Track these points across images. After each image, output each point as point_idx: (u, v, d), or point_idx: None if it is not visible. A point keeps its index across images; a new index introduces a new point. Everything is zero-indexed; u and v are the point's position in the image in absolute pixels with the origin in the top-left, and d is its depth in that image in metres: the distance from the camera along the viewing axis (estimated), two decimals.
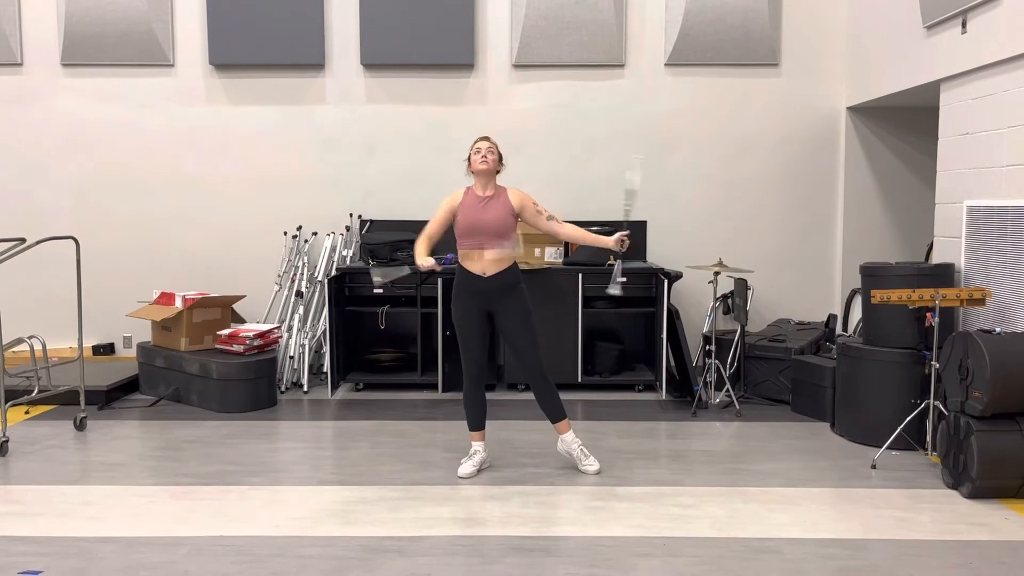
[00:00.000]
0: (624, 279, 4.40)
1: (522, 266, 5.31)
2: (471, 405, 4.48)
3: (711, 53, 6.73)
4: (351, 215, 6.91)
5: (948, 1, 5.08)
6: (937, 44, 5.32)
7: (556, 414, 4.46)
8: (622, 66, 6.82)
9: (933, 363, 4.49)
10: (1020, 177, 4.56)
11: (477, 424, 4.49)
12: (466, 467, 4.40)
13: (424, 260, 4.24)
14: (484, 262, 4.28)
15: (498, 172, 4.43)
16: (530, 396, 6.00)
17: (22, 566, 3.35)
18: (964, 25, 4.99)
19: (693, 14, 6.63)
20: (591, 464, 4.44)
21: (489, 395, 6.07)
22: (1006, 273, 4.63)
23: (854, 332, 6.02)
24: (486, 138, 4.48)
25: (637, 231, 6.76)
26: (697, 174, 6.89)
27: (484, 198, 4.34)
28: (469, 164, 4.41)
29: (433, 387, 6.17)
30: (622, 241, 4.32)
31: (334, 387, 6.05)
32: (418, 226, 6.68)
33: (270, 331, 6.02)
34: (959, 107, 5.16)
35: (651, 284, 6.28)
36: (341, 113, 6.90)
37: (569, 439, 4.48)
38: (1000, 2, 4.64)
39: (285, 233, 6.91)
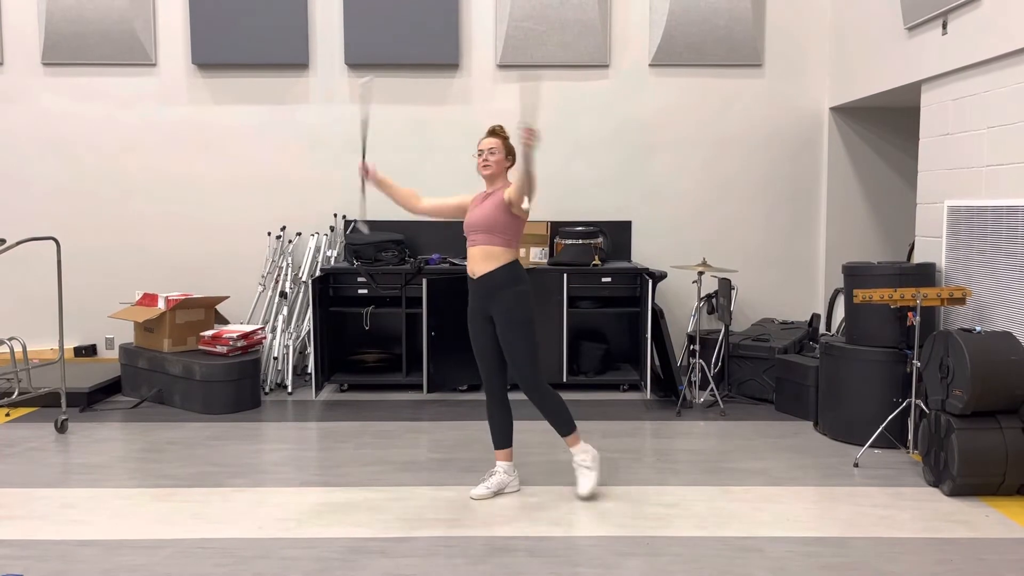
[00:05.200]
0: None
1: None
2: (490, 420, 4.16)
3: (695, 54, 6.75)
4: (335, 215, 6.89)
5: (929, 2, 5.12)
6: (918, 45, 5.36)
7: (562, 428, 4.05)
8: (606, 66, 6.83)
9: (914, 362, 4.53)
10: (1000, 177, 4.61)
11: (497, 441, 4.14)
12: (478, 488, 4.07)
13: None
14: (474, 262, 3.99)
15: (509, 167, 4.06)
16: (511, 396, 6.02)
17: (2, 569, 3.32)
18: (945, 26, 5.03)
19: (677, 15, 6.65)
20: (584, 484, 4.04)
21: (474, 395, 6.08)
22: (986, 272, 4.67)
23: (837, 331, 6.06)
24: (495, 132, 4.06)
25: (622, 231, 6.79)
26: (681, 174, 6.91)
27: (486, 194, 4.05)
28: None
29: (418, 388, 6.15)
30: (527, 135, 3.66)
31: (318, 388, 6.03)
32: (402, 226, 6.78)
33: (254, 332, 5.99)
34: (940, 108, 5.20)
35: (636, 284, 6.29)
36: (325, 113, 6.88)
37: (576, 452, 4.06)
38: (980, 4, 4.68)
39: (269, 233, 6.88)
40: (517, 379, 3.99)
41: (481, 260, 3.97)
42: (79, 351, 6.93)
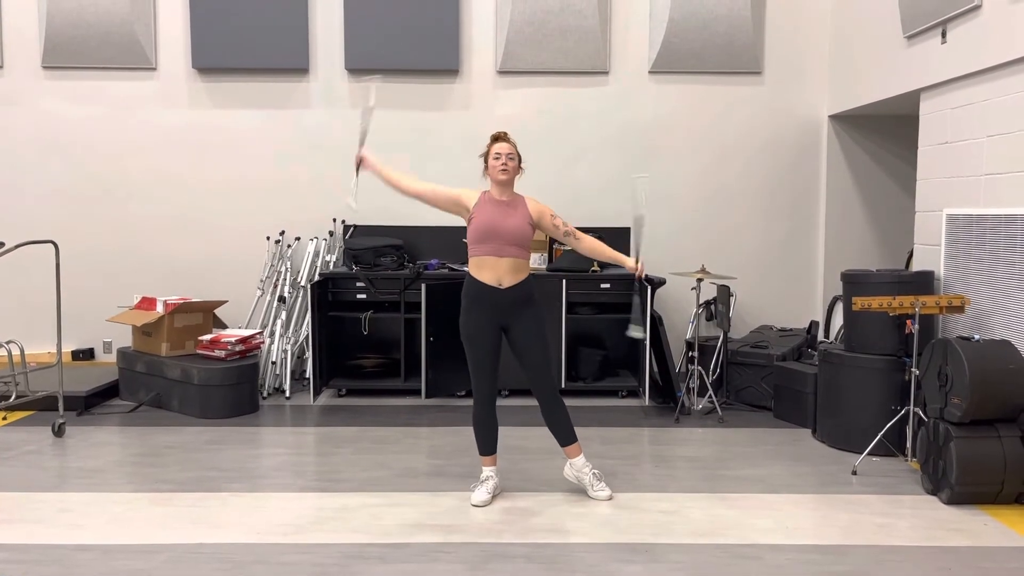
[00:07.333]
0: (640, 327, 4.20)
1: None
2: (482, 428, 4.15)
3: (695, 61, 6.76)
4: (334, 220, 6.89)
5: (928, 11, 5.14)
6: (917, 54, 5.38)
7: (566, 436, 4.16)
8: (606, 73, 6.84)
9: (913, 370, 4.53)
10: (999, 186, 4.62)
11: (489, 448, 4.17)
12: (479, 494, 4.09)
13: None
14: (501, 271, 3.99)
15: (517, 176, 4.12)
16: (509, 402, 6.01)
17: None
18: (944, 35, 5.04)
19: (677, 22, 6.66)
20: (602, 491, 4.15)
21: (467, 402, 6.06)
22: (984, 281, 4.68)
23: (835, 339, 6.06)
24: (504, 138, 4.11)
25: (621, 237, 6.78)
26: (680, 181, 6.92)
27: (502, 203, 4.07)
28: (485, 167, 4.10)
29: (416, 393, 6.14)
30: (638, 269, 4.09)
31: (316, 393, 6.02)
32: (402, 231, 6.78)
33: (252, 336, 5.99)
34: (939, 116, 5.22)
35: (634, 290, 6.29)
36: (325, 117, 6.88)
37: (579, 464, 4.19)
38: (979, 13, 4.70)
39: (268, 238, 6.88)
40: (545, 384, 4.10)
41: (512, 271, 4.03)
42: (77, 355, 6.92)
